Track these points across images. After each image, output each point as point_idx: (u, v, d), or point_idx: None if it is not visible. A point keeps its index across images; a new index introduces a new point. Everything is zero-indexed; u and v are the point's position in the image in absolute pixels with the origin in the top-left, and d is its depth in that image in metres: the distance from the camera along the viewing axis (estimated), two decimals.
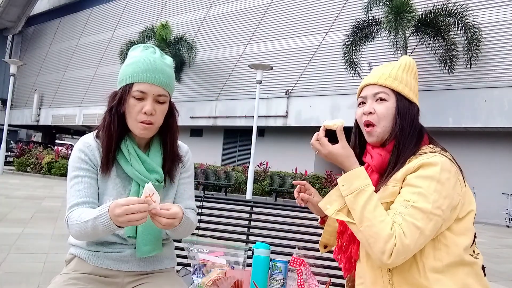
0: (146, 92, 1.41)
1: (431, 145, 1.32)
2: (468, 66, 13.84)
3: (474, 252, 1.26)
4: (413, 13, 13.69)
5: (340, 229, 1.42)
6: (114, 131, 1.44)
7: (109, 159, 1.45)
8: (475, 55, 13.67)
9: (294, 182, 1.57)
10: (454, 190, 1.19)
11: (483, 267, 1.27)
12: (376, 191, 1.24)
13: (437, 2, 14.56)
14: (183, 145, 1.64)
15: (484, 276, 1.26)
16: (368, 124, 1.34)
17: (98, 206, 1.44)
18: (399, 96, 1.32)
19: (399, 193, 1.23)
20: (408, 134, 1.29)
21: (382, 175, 1.31)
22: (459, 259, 1.20)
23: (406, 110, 1.31)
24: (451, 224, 1.21)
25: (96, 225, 1.30)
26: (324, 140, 1.26)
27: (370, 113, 1.33)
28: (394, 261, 1.14)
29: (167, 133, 1.53)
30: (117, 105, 1.43)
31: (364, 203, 1.18)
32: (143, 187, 1.45)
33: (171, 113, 1.52)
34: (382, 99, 1.33)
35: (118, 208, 1.23)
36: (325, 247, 1.61)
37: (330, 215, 1.25)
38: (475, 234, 1.27)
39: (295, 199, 1.57)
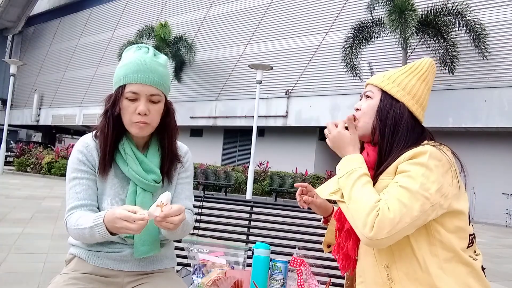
0: (138, 93, 1.41)
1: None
2: (485, 58, 13.73)
3: (474, 252, 1.26)
4: (415, 12, 13.67)
5: (338, 226, 1.42)
6: (109, 134, 1.44)
7: (106, 161, 1.45)
8: (484, 48, 13.61)
9: (296, 184, 1.57)
10: (444, 178, 1.19)
11: (483, 268, 1.26)
12: None
13: (437, 1, 14.55)
14: (183, 146, 1.63)
15: (485, 277, 1.26)
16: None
17: (97, 207, 1.45)
18: (384, 95, 1.35)
19: None
20: (390, 132, 1.31)
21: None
22: (454, 254, 1.20)
23: (387, 108, 1.33)
24: (444, 220, 1.21)
25: (92, 233, 1.33)
26: (341, 123, 1.34)
27: (357, 109, 1.41)
28: (377, 234, 1.12)
29: (165, 133, 1.52)
30: (112, 107, 1.43)
31: (354, 181, 1.22)
32: (141, 187, 1.45)
33: (168, 112, 1.51)
34: (368, 97, 1.39)
35: (119, 221, 1.25)
36: (329, 246, 1.61)
37: (324, 197, 1.30)
38: (473, 235, 1.27)
39: (297, 201, 1.57)
